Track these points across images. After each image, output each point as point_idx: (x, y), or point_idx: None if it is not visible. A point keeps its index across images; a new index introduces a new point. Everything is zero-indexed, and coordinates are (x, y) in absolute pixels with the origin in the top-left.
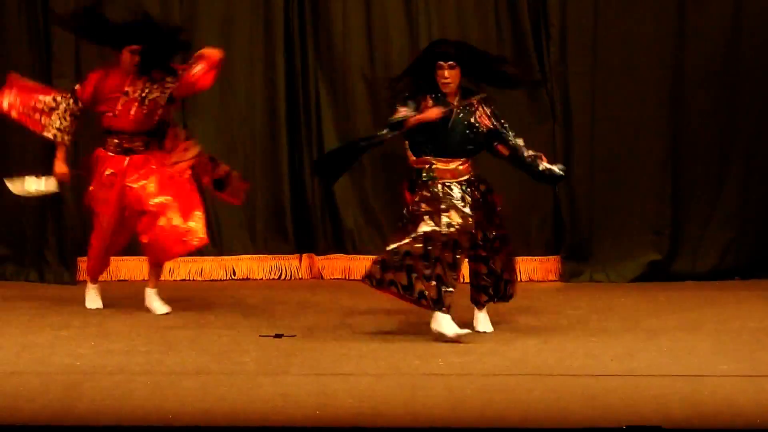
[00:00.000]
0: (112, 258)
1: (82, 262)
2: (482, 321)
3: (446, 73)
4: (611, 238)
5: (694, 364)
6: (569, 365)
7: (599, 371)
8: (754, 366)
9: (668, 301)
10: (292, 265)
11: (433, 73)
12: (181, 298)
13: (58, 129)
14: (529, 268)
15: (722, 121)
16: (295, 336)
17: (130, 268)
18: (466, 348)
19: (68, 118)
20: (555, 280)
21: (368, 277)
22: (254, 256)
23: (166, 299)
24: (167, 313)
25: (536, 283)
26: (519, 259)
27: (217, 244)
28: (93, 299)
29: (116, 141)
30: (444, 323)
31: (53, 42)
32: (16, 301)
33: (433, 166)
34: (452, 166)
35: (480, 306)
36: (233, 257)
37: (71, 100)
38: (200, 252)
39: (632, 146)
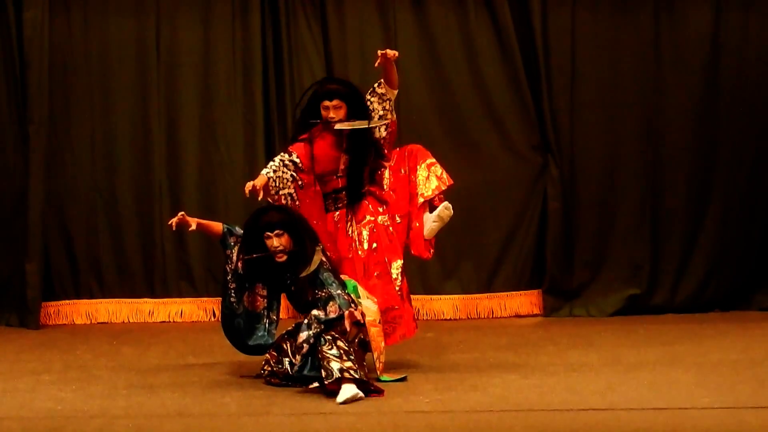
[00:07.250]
0: (91, 301)
1: (48, 307)
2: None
3: None
4: (591, 273)
5: (675, 398)
6: (550, 400)
7: (580, 406)
8: (735, 398)
9: (648, 335)
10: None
11: None
12: (161, 340)
13: None
14: (514, 302)
15: (700, 156)
16: None
17: (109, 310)
18: (448, 385)
19: None
20: (539, 314)
21: None
22: None
23: (146, 342)
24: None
25: (517, 319)
26: (504, 294)
27: (196, 287)
28: None
29: None
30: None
31: (29, 88)
32: None
33: None
34: None
35: None
36: (213, 299)
37: None
38: (179, 294)
39: (611, 182)
